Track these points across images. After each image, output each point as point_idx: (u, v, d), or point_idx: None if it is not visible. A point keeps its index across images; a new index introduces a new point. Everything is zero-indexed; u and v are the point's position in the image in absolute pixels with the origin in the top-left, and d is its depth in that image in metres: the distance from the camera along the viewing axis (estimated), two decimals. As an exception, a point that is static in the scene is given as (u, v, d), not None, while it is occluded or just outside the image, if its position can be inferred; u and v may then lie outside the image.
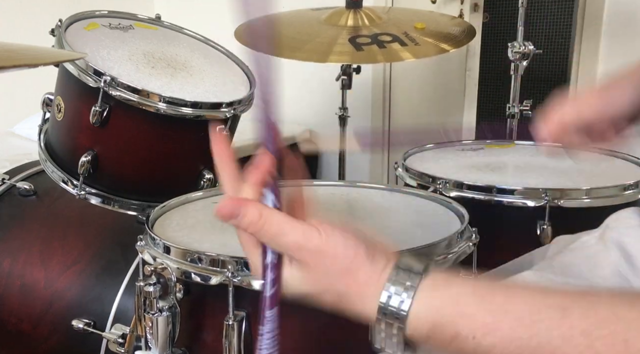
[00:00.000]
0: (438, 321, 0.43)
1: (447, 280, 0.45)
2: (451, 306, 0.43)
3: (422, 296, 0.44)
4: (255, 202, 0.47)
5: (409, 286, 0.44)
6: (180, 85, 1.09)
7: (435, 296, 0.44)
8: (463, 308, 0.43)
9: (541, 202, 1.01)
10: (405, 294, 0.44)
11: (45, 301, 1.08)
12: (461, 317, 0.43)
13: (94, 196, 1.11)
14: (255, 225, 0.46)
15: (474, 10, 2.76)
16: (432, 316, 0.44)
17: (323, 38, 1.40)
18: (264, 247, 0.48)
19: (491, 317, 0.42)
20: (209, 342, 0.75)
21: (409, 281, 0.44)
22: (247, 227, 0.46)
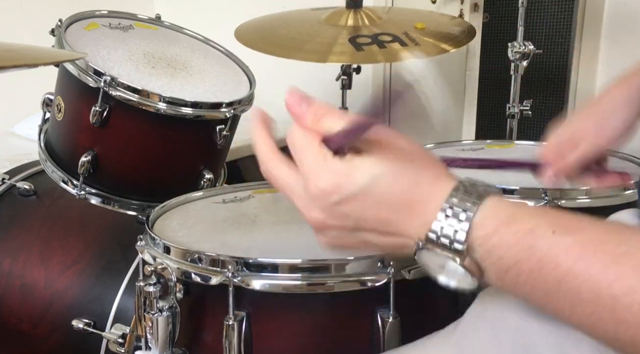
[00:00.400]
0: (512, 214, 0.41)
1: (511, 204, 0.43)
2: (527, 207, 0.41)
3: (495, 198, 0.42)
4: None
5: (480, 191, 0.43)
6: (180, 85, 1.09)
7: (509, 202, 0.42)
8: (543, 211, 0.42)
9: (541, 202, 1.01)
10: (476, 194, 0.42)
11: (45, 301, 1.08)
12: (540, 215, 0.40)
13: (94, 196, 1.11)
14: (324, 108, 0.47)
15: (474, 10, 2.76)
16: (507, 211, 0.41)
17: (323, 38, 1.40)
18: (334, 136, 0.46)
19: (576, 220, 0.39)
20: (209, 342, 0.75)
21: (480, 188, 0.43)
22: (315, 112, 0.47)
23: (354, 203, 0.45)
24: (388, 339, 0.70)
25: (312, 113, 0.47)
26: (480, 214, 0.42)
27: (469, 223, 0.41)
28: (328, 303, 0.72)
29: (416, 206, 0.44)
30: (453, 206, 0.42)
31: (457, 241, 0.42)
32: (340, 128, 0.46)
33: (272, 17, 1.57)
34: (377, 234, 0.46)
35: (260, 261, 0.69)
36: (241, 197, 0.99)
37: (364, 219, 0.45)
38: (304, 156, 0.46)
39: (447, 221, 0.42)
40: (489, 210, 0.42)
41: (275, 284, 0.68)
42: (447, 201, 0.43)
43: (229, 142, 1.17)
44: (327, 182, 0.44)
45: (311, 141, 0.46)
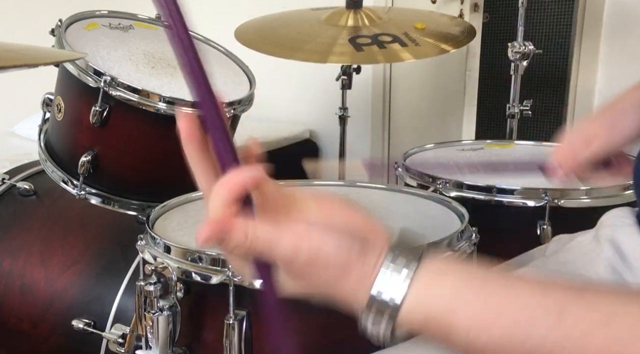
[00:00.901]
0: (432, 315, 0.43)
1: (442, 271, 0.44)
2: (446, 301, 0.43)
3: (416, 289, 0.43)
4: (237, 222, 0.44)
5: (402, 279, 0.43)
6: (180, 85, 1.09)
7: (430, 289, 0.43)
8: (458, 303, 0.42)
9: (541, 202, 1.01)
10: (398, 288, 0.43)
11: (45, 301, 1.08)
12: (455, 313, 0.42)
13: (94, 196, 1.11)
14: (242, 247, 0.44)
15: (474, 10, 2.76)
16: (425, 310, 0.43)
17: (323, 38, 1.40)
18: (255, 264, 0.46)
19: (486, 315, 0.41)
20: (210, 341, 0.75)
21: (402, 274, 0.43)
22: (233, 250, 0.45)
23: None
24: (388, 338, 0.70)
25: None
26: (402, 318, 0.43)
27: (393, 324, 0.44)
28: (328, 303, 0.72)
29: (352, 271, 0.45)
30: (374, 315, 0.44)
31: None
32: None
33: (272, 17, 1.57)
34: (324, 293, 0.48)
35: (261, 260, 0.69)
36: (241, 197, 0.99)
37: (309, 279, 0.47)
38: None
39: (372, 324, 0.45)
40: (408, 313, 0.43)
41: (276, 284, 0.68)
42: (368, 306, 0.44)
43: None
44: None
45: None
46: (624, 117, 0.73)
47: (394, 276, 0.44)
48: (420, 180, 1.15)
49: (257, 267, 0.47)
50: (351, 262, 0.45)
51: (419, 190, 1.04)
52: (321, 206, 0.46)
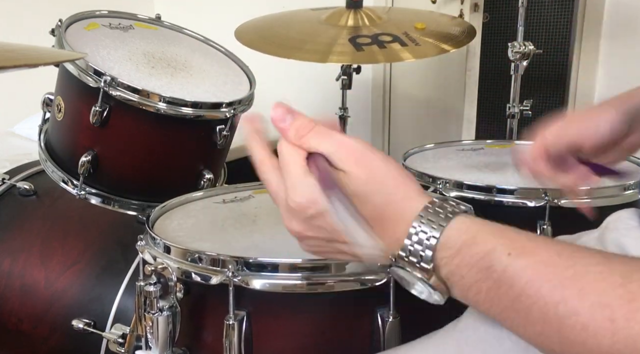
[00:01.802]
0: (473, 236, 0.43)
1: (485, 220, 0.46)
2: (490, 227, 0.44)
3: (460, 219, 0.45)
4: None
5: (448, 211, 0.45)
6: (180, 85, 1.09)
7: (475, 221, 0.45)
8: (504, 232, 0.43)
9: (541, 202, 1.01)
10: (444, 214, 0.45)
11: (45, 301, 1.08)
12: (500, 237, 0.43)
13: (94, 196, 1.11)
14: (306, 126, 0.48)
15: (474, 10, 2.76)
16: (469, 233, 0.44)
17: (323, 38, 1.40)
18: (314, 156, 0.48)
19: (532, 242, 0.42)
20: (210, 342, 0.75)
21: (449, 208, 0.45)
22: (298, 129, 0.48)
23: (328, 219, 0.47)
24: (388, 338, 0.70)
25: (294, 129, 0.50)
26: (445, 235, 0.44)
27: (435, 244, 0.44)
28: (328, 302, 0.72)
29: (387, 225, 0.47)
30: (421, 226, 0.45)
31: (424, 261, 0.45)
32: (322, 146, 0.48)
33: (272, 17, 1.57)
34: (349, 245, 0.48)
35: (261, 260, 0.69)
36: (241, 197, 0.99)
37: (338, 232, 0.48)
38: (287, 170, 0.49)
39: (415, 241, 0.45)
40: (454, 231, 0.44)
41: (276, 284, 0.68)
42: (415, 221, 0.45)
43: (229, 142, 1.17)
44: (304, 197, 0.47)
45: (295, 157, 0.49)
46: (597, 116, 0.71)
47: (443, 208, 0.45)
48: (420, 180, 1.15)
49: (315, 160, 0.48)
50: (410, 177, 0.48)
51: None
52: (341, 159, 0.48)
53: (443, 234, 0.44)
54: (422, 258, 0.45)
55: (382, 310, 0.71)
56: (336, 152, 0.48)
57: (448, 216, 0.45)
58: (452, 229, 0.44)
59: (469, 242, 0.43)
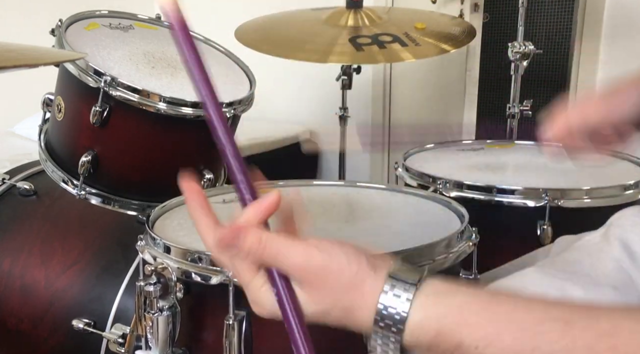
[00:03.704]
0: (440, 329, 0.43)
1: (449, 288, 0.45)
2: (454, 315, 0.43)
3: (423, 304, 0.44)
4: (253, 228, 0.47)
5: (407, 294, 0.44)
6: (180, 85, 1.09)
7: (438, 304, 0.44)
8: (466, 316, 0.42)
9: (541, 202, 1.01)
10: (404, 301, 0.44)
11: (45, 301, 1.08)
12: (464, 326, 0.42)
13: (94, 196, 1.11)
14: (256, 250, 0.46)
15: (474, 10, 2.76)
16: (434, 324, 0.43)
17: (323, 38, 1.40)
18: (270, 273, 0.47)
19: (494, 327, 0.42)
20: (210, 342, 0.75)
21: (407, 289, 0.44)
22: (248, 253, 0.47)
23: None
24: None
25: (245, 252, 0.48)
26: (407, 337, 0.44)
27: (400, 346, 0.44)
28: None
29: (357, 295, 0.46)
30: (380, 337, 0.45)
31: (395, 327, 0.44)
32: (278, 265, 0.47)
33: (272, 17, 1.57)
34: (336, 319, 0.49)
35: (261, 260, 0.69)
36: (241, 197, 0.99)
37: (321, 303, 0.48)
38: (245, 280, 0.48)
39: (380, 344, 0.45)
40: (417, 330, 0.44)
41: (276, 284, 0.68)
42: (373, 333, 0.45)
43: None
44: (264, 310, 0.49)
45: (253, 272, 0.48)
46: (624, 95, 0.73)
47: (400, 291, 0.44)
48: (420, 180, 1.15)
49: (271, 277, 0.47)
50: (363, 269, 0.45)
51: (419, 190, 1.04)
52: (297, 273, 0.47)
53: (404, 333, 0.44)
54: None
55: (382, 310, 0.71)
56: (292, 272, 0.47)
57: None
58: (414, 325, 0.43)
59: (437, 339, 0.43)
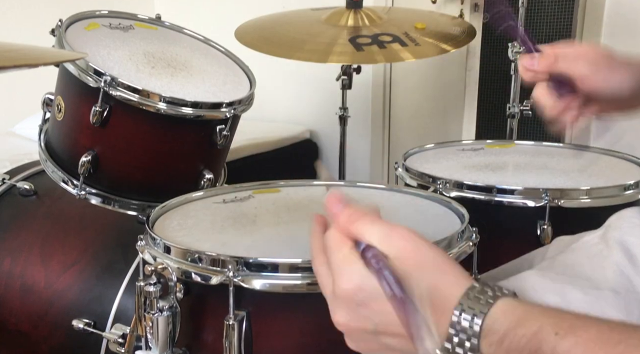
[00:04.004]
0: (519, 318, 0.42)
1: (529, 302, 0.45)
2: (535, 307, 0.43)
3: (505, 300, 0.44)
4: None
5: (492, 295, 0.44)
6: (180, 85, 1.09)
7: (518, 303, 0.44)
8: (549, 311, 0.43)
9: (541, 202, 1.01)
10: (489, 295, 0.44)
11: (45, 301, 1.08)
12: (546, 316, 0.42)
13: (94, 196, 1.11)
14: (357, 213, 0.49)
15: (474, 10, 2.76)
16: (514, 313, 0.43)
17: (323, 38, 1.40)
18: (367, 249, 0.48)
19: (579, 320, 0.41)
20: (210, 342, 0.75)
21: (492, 291, 0.45)
22: (349, 215, 0.49)
23: (375, 307, 0.47)
24: (388, 339, 0.70)
25: (346, 215, 0.51)
26: (489, 319, 0.43)
27: (479, 331, 0.43)
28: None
29: (432, 312, 0.46)
30: (463, 314, 0.44)
31: (471, 350, 0.44)
32: (371, 231, 0.49)
33: (272, 17, 1.57)
34: (398, 339, 0.47)
35: (261, 260, 0.69)
36: (241, 197, 0.99)
37: (384, 324, 0.47)
38: (334, 257, 0.50)
39: (459, 329, 0.44)
40: (498, 314, 0.43)
41: (276, 284, 0.68)
42: (458, 306, 0.44)
43: (229, 142, 1.17)
44: (350, 283, 0.47)
45: (343, 244, 0.49)
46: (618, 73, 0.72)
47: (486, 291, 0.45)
48: (420, 180, 1.15)
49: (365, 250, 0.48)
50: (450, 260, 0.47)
51: (419, 190, 1.04)
52: (390, 244, 0.48)
53: (487, 318, 0.43)
54: (469, 348, 0.44)
55: (382, 310, 0.71)
56: (386, 238, 0.48)
57: (489, 302, 0.44)
58: (495, 312, 0.43)
59: (515, 325, 0.42)
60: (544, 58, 0.74)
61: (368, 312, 0.47)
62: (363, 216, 0.50)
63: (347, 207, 0.51)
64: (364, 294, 0.47)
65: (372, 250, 0.48)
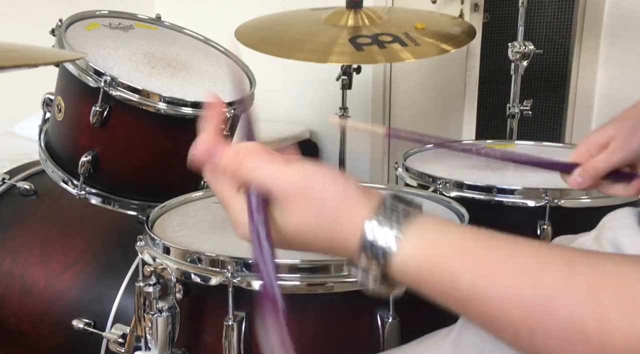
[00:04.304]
0: (433, 263, 0.40)
1: (445, 223, 0.42)
2: (450, 248, 0.40)
3: (415, 235, 0.41)
4: (229, 145, 0.46)
5: (398, 224, 0.41)
6: (180, 85, 1.09)
7: (432, 238, 0.41)
8: (464, 251, 0.40)
9: (541, 202, 1.01)
10: (395, 229, 0.41)
11: (45, 301, 1.08)
12: (462, 260, 0.40)
13: (94, 196, 1.11)
14: (234, 161, 0.45)
15: (474, 10, 2.76)
16: (426, 257, 0.41)
17: (323, 38, 1.40)
18: (247, 193, 0.45)
19: (494, 260, 0.39)
20: (209, 342, 0.75)
21: (399, 220, 0.41)
22: (226, 165, 0.45)
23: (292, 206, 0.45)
24: (388, 339, 0.70)
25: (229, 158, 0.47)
26: (400, 257, 0.41)
27: (388, 265, 0.41)
28: (328, 303, 0.72)
29: (338, 252, 0.44)
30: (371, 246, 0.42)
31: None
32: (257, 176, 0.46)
33: (272, 17, 1.57)
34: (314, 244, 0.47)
35: (260, 261, 0.69)
36: (241, 198, 0.99)
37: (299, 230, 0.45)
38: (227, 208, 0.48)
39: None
40: (412, 249, 0.41)
41: (275, 285, 0.68)
42: (361, 246, 0.42)
43: (229, 143, 1.17)
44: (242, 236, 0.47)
45: (230, 197, 0.47)
46: None
47: (389, 222, 0.42)
48: (420, 180, 1.15)
49: (249, 201, 0.45)
50: (351, 190, 0.43)
51: (419, 190, 1.04)
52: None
53: (391, 260, 0.41)
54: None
55: (382, 311, 0.71)
56: (272, 190, 0.45)
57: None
58: (403, 254, 0.41)
59: (429, 271, 0.40)
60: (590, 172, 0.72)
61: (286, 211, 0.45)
62: (247, 154, 0.46)
63: (226, 149, 0.47)
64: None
65: (254, 197, 0.45)
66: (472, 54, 2.79)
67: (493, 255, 0.39)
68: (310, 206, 0.44)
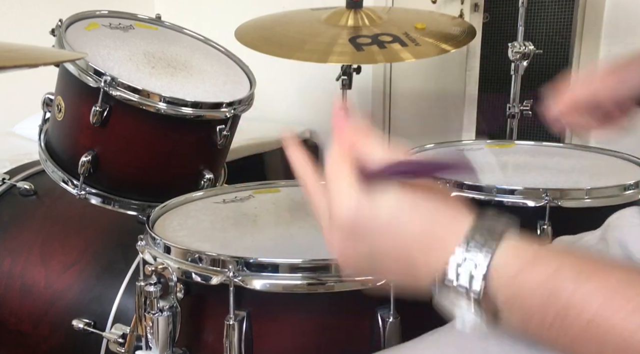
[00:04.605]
0: (533, 257, 0.38)
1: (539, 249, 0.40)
2: (550, 247, 0.39)
3: (514, 238, 0.40)
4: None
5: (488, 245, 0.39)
6: (180, 85, 1.09)
7: (530, 243, 0.39)
8: (565, 252, 0.38)
9: (541, 202, 1.01)
10: (493, 235, 0.40)
11: (45, 301, 1.08)
12: (564, 256, 0.37)
13: (94, 196, 1.11)
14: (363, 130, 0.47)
15: (474, 10, 2.76)
16: (527, 251, 0.39)
17: (323, 38, 1.40)
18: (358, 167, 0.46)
19: (600, 264, 0.37)
20: (210, 342, 0.75)
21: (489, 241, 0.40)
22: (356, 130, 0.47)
23: (371, 235, 0.44)
24: (388, 338, 0.70)
25: (351, 131, 0.48)
26: (498, 258, 0.40)
27: (488, 263, 0.40)
28: (328, 302, 0.72)
29: (433, 244, 0.43)
30: (471, 244, 0.40)
31: (472, 291, 0.40)
32: (374, 154, 0.46)
33: (272, 17, 1.57)
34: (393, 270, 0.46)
35: (261, 260, 0.69)
36: (241, 197, 0.99)
37: (380, 253, 0.45)
38: (334, 178, 0.46)
39: (464, 261, 0.40)
40: (511, 249, 0.40)
41: (276, 284, 0.68)
42: (465, 239, 0.41)
43: (229, 142, 1.17)
44: (348, 211, 0.44)
45: (344, 165, 0.46)
46: (632, 71, 0.71)
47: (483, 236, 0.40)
48: (421, 180, 1.15)
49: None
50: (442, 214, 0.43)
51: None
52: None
53: (497, 251, 0.39)
54: (471, 280, 0.40)
55: (382, 310, 0.71)
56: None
57: (501, 233, 0.40)
58: (505, 250, 0.39)
59: (528, 264, 0.38)
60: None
61: (363, 240, 0.45)
62: (369, 134, 0.47)
63: (353, 124, 0.48)
64: (361, 222, 0.44)
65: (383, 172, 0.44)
66: (472, 54, 2.79)
67: (592, 261, 0.37)
68: (418, 193, 0.44)
